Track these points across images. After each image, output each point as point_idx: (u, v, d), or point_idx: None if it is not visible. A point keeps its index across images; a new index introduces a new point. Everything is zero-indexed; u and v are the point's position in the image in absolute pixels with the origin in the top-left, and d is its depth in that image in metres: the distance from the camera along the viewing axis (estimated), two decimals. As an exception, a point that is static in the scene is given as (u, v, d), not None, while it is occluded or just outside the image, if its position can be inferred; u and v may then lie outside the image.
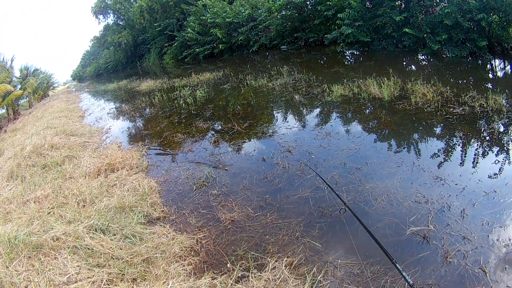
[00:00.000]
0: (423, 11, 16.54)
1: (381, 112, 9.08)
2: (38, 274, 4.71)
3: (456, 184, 5.39)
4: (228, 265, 4.74)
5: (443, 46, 14.78)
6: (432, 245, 4.28)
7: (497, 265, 3.89)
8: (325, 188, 6.01)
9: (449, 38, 14.50)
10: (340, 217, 5.20)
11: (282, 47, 28.84)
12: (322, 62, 21.52)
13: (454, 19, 13.90)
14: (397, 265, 1.31)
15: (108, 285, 4.43)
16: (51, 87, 70.03)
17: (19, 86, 36.89)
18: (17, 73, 42.73)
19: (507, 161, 5.99)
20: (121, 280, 4.53)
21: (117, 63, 70.31)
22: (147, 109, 18.05)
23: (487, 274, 3.79)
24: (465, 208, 4.79)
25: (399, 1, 17.92)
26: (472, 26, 13.89)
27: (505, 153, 6.27)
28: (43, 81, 52.00)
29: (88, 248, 5.17)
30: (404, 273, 1.18)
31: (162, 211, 6.66)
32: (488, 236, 4.27)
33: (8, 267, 5.01)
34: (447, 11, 14.16)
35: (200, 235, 5.58)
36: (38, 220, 6.45)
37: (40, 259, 5.07)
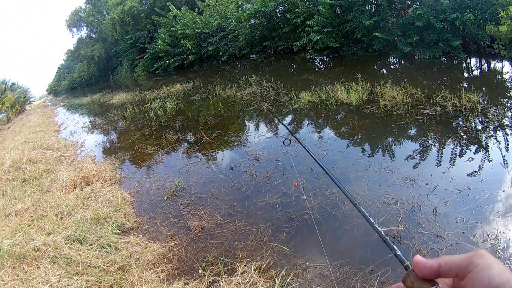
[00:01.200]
0: (394, 14, 16.78)
1: (349, 117, 9.21)
2: (23, 283, 4.86)
3: (426, 184, 5.45)
4: (200, 271, 4.82)
5: (415, 48, 14.97)
6: (403, 245, 4.32)
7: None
8: (292, 193, 6.11)
9: (421, 39, 14.68)
10: (308, 221, 5.25)
11: (251, 56, 29.24)
12: (291, 69, 21.82)
13: (426, 20, 14.07)
14: (362, 209, 1.23)
15: None
16: (28, 102, 69.95)
17: (-3, 101, 36.85)
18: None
19: (481, 158, 6.04)
20: (99, 287, 4.65)
21: (91, 77, 70.77)
22: (120, 122, 18.19)
23: None
24: (436, 207, 4.83)
25: (369, 6, 18.15)
26: (445, 26, 14.10)
27: (479, 150, 6.33)
28: (20, 96, 52.24)
29: (67, 258, 5.31)
30: (371, 219, 1.13)
31: (135, 221, 6.76)
32: (463, 232, 4.30)
33: None
34: (419, 12, 14.32)
35: (172, 243, 5.68)
36: (20, 232, 6.62)
37: (23, 269, 5.22)
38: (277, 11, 24.82)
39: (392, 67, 15.78)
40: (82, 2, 65.76)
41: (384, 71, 15.22)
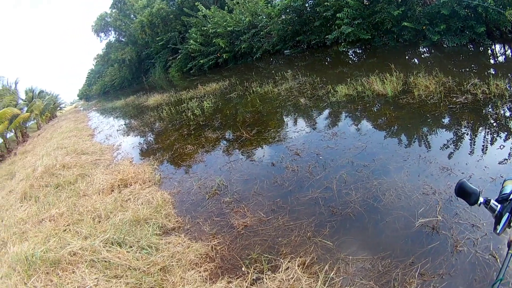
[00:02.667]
0: (420, 3, 16.54)
1: (386, 108, 9.10)
2: None
3: (462, 173, 5.39)
4: (243, 268, 4.81)
5: (443, 37, 14.77)
6: (442, 235, 4.29)
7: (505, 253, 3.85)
8: (334, 187, 6.07)
9: (447, 27, 14.50)
10: (350, 215, 5.24)
11: (285, 51, 28.87)
12: (325, 63, 21.61)
13: (451, 8, 13.91)
14: None
15: None
16: (58, 108, 70.28)
17: (25, 109, 36.92)
18: (22, 96, 42.75)
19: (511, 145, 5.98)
20: None
21: (123, 80, 70.59)
22: (156, 123, 18.19)
23: (498, 260, 3.80)
24: None
25: (396, -5, 17.86)
26: (469, 13, 13.88)
27: (509, 137, 6.26)
28: (49, 102, 52.30)
29: (105, 261, 5.31)
30: None
31: (177, 221, 6.79)
32: None
33: (26, 284, 5.18)
34: (443, 0, 14.14)
35: (214, 241, 5.66)
36: (54, 237, 6.62)
37: (58, 274, 5.24)
38: (307, 5, 24.59)
39: (422, 56, 15.60)
40: (107, 8, 65.51)
41: (416, 60, 15.07)
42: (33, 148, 23.78)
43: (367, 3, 19.29)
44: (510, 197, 1.13)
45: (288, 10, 25.51)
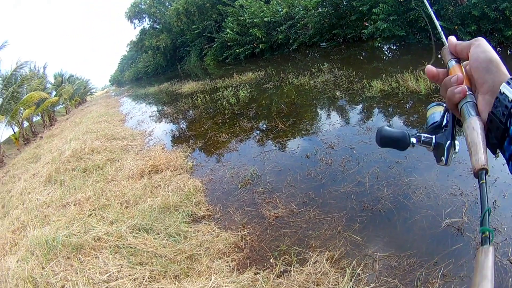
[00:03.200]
0: (453, 3, 16.41)
1: (419, 106, 9.10)
2: (77, 273, 4.93)
3: (488, 176, 5.33)
4: (271, 260, 4.86)
5: (474, 38, 14.62)
6: (466, 237, 4.31)
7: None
8: (367, 182, 6.15)
9: (478, 29, 14.44)
10: (380, 211, 5.31)
11: (321, 44, 28.84)
12: (361, 57, 21.55)
13: (481, 9, 13.82)
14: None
15: (150, 282, 4.59)
16: (89, 93, 70.79)
17: (54, 93, 37.78)
18: (51, 80, 43.25)
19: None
20: (163, 277, 4.69)
21: (157, 67, 70.80)
22: (190, 111, 18.26)
23: None
24: (496, 200, 4.77)
25: (429, -7, 17.84)
26: (498, 16, 13.79)
27: None
28: (79, 87, 52.86)
29: (131, 247, 5.39)
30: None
31: (207, 209, 6.86)
32: None
33: (44, 268, 5.25)
34: (474, 1, 14.07)
35: (244, 231, 5.72)
36: (78, 221, 6.72)
37: (79, 259, 5.32)
38: (343, -1, 24.41)
39: (455, 56, 15.46)
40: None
41: (448, 60, 14.95)
42: (61, 132, 24.11)
43: (402, 0, 19.17)
44: (443, 124, 1.17)
45: (324, 3, 25.57)
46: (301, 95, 14.16)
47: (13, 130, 26.17)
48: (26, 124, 29.00)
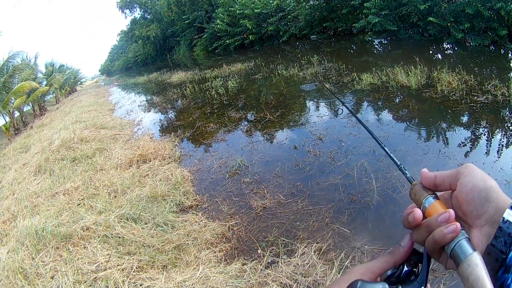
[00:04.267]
0: (446, 0, 16.44)
1: (409, 100, 9.10)
2: (66, 263, 4.87)
3: None
4: (259, 251, 4.86)
5: (467, 35, 14.68)
6: None
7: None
8: (355, 175, 6.13)
9: (471, 27, 14.40)
10: (369, 203, 5.30)
11: (311, 36, 28.97)
12: (351, 51, 21.52)
13: (475, 7, 13.76)
14: (386, 149, 1.42)
15: (138, 272, 4.56)
16: (79, 82, 70.69)
17: (44, 83, 37.33)
18: (43, 70, 42.86)
19: (525, 149, 5.95)
20: (151, 267, 4.67)
21: (147, 56, 70.98)
22: (179, 101, 18.27)
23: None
24: None
25: (423, -11, 17.82)
26: (493, 15, 13.74)
27: None
28: (70, 77, 52.70)
29: (119, 237, 5.36)
30: (391, 155, 1.29)
31: (195, 199, 6.83)
32: None
33: (34, 258, 5.19)
34: (468, -1, 14.05)
35: (232, 222, 5.71)
36: (67, 211, 6.68)
37: (68, 249, 5.27)
38: (335, -8, 24.41)
39: (446, 52, 15.53)
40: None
41: (439, 56, 15.01)
42: (51, 122, 24.02)
43: (394, -5, 19.15)
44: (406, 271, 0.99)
45: (316, -4, 25.17)
46: (290, 86, 14.17)
47: (4, 120, 26.04)
48: (17, 114, 28.88)
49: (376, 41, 21.73)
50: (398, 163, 1.32)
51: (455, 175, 0.88)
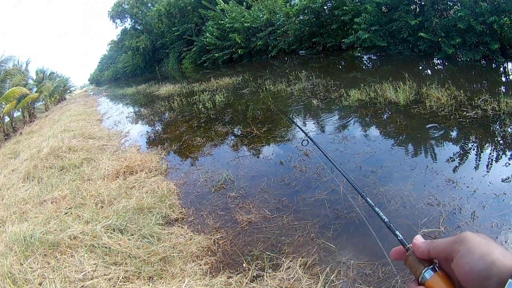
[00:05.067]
0: (438, 15, 16.59)
1: (397, 117, 9.11)
2: (54, 271, 4.82)
3: (467, 187, 5.40)
4: (244, 264, 4.83)
5: (457, 50, 14.75)
6: None
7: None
8: (341, 191, 6.09)
9: (463, 41, 14.47)
10: (355, 219, 5.27)
11: (300, 52, 29.10)
12: (340, 67, 21.66)
13: (467, 22, 13.88)
14: (368, 200, 1.40)
15: (125, 282, 4.53)
16: (68, 91, 70.79)
17: (35, 89, 37.55)
18: (33, 76, 43.02)
19: (516, 163, 5.99)
20: (138, 278, 4.63)
21: (136, 68, 71.24)
22: (166, 113, 18.28)
23: None
24: (475, 210, 4.79)
25: (414, 5, 17.93)
26: (485, 29, 13.85)
27: None
28: (59, 85, 52.76)
29: (106, 247, 5.29)
30: (376, 209, 1.27)
31: (181, 212, 6.80)
32: (496, 237, 4.28)
33: (22, 264, 5.11)
34: (460, 14, 14.12)
35: (217, 235, 5.68)
36: (55, 219, 6.57)
37: (56, 257, 5.19)
38: (325, 7, 24.81)
39: (436, 68, 15.61)
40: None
41: (429, 71, 15.09)
42: (40, 129, 23.91)
43: (385, 11, 19.32)
44: None
45: (306, 11, 25.78)
46: (277, 101, 14.23)
47: (-6, 124, 25.83)
48: (7, 119, 28.82)
49: (365, 57, 21.85)
50: (386, 220, 1.27)
51: (450, 250, 0.84)
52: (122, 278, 4.57)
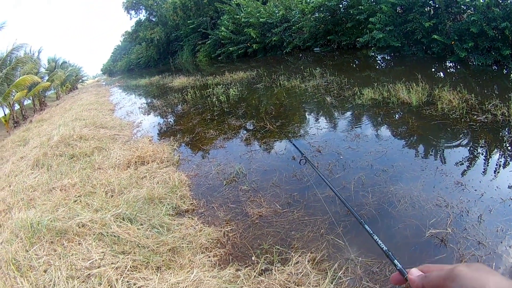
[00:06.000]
0: (451, 18, 16.49)
1: (409, 117, 9.09)
2: (60, 258, 4.81)
3: (475, 190, 5.42)
4: (253, 258, 4.86)
5: (470, 54, 14.70)
6: (449, 248, 4.31)
7: (506, 272, 3.95)
8: (352, 188, 6.14)
9: (475, 46, 14.43)
10: (364, 216, 5.25)
11: (315, 49, 29.08)
12: (354, 65, 21.56)
13: (480, 27, 13.86)
14: (367, 227, 1.44)
15: (132, 271, 4.52)
16: (80, 80, 70.85)
17: (46, 78, 37.44)
18: (45, 64, 43.15)
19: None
20: (145, 268, 4.64)
21: (149, 59, 71.47)
22: (179, 105, 18.27)
23: None
24: (482, 214, 4.80)
25: (428, 7, 17.87)
26: (497, 35, 13.80)
27: None
28: (71, 74, 52.78)
29: (114, 236, 5.30)
30: (375, 237, 1.31)
31: (191, 203, 6.83)
32: (501, 242, 4.29)
33: (28, 251, 5.12)
34: (473, 18, 14.11)
35: (227, 228, 5.71)
36: (63, 207, 6.55)
37: (63, 244, 5.20)
38: (341, 6, 24.81)
39: (448, 70, 15.52)
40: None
41: (442, 74, 15.01)
42: (50, 117, 23.93)
43: (400, 11, 19.27)
44: None
45: (322, 9, 25.74)
46: (291, 97, 14.22)
47: (3, 112, 26.15)
48: (17, 107, 28.92)
49: (379, 57, 21.75)
50: (385, 248, 1.33)
51: (443, 280, 0.85)
52: (130, 267, 4.58)
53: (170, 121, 15.66)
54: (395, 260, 1.25)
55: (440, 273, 0.87)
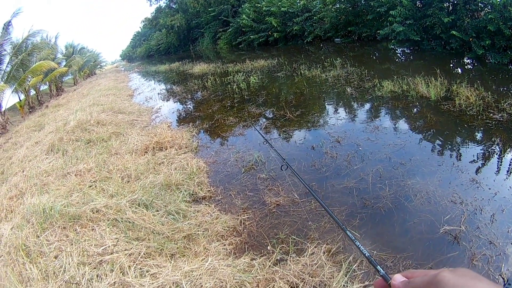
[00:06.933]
0: (469, 15, 16.38)
1: (427, 111, 9.06)
2: (72, 244, 4.86)
3: (489, 189, 5.41)
4: (269, 247, 4.88)
5: (487, 52, 14.60)
6: (462, 246, 4.31)
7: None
8: (370, 180, 6.18)
9: (492, 44, 14.32)
10: (381, 209, 5.32)
11: (336, 39, 29.18)
12: (374, 57, 21.59)
13: (497, 25, 13.76)
14: (349, 233, 1.49)
15: (146, 258, 4.55)
16: (98, 66, 70.87)
17: (64, 63, 37.47)
18: (63, 50, 43.16)
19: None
20: (159, 255, 4.67)
21: (169, 46, 71.59)
22: (199, 92, 18.37)
23: (505, 282, 3.76)
24: (495, 213, 4.79)
25: (447, 3, 17.74)
26: (513, 34, 13.69)
27: None
28: (90, 59, 52.91)
29: (129, 222, 5.37)
30: (357, 243, 1.35)
31: (209, 190, 6.88)
32: (511, 243, 4.26)
33: (39, 237, 5.20)
34: (490, 16, 14.02)
35: (244, 216, 5.75)
36: (78, 192, 6.68)
37: (76, 230, 5.26)
38: (362, -3, 24.50)
39: (466, 67, 15.40)
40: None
41: (459, 70, 14.92)
42: (67, 103, 24.22)
43: (420, 6, 19.17)
44: None
45: (343, 0, 25.66)
46: (311, 87, 14.24)
47: (19, 97, 26.16)
48: (32, 92, 28.99)
49: (399, 50, 21.67)
50: (367, 254, 1.40)
51: (426, 285, 0.85)
52: (144, 254, 4.61)
53: (190, 107, 15.76)
54: (378, 266, 1.31)
55: (423, 279, 0.88)
